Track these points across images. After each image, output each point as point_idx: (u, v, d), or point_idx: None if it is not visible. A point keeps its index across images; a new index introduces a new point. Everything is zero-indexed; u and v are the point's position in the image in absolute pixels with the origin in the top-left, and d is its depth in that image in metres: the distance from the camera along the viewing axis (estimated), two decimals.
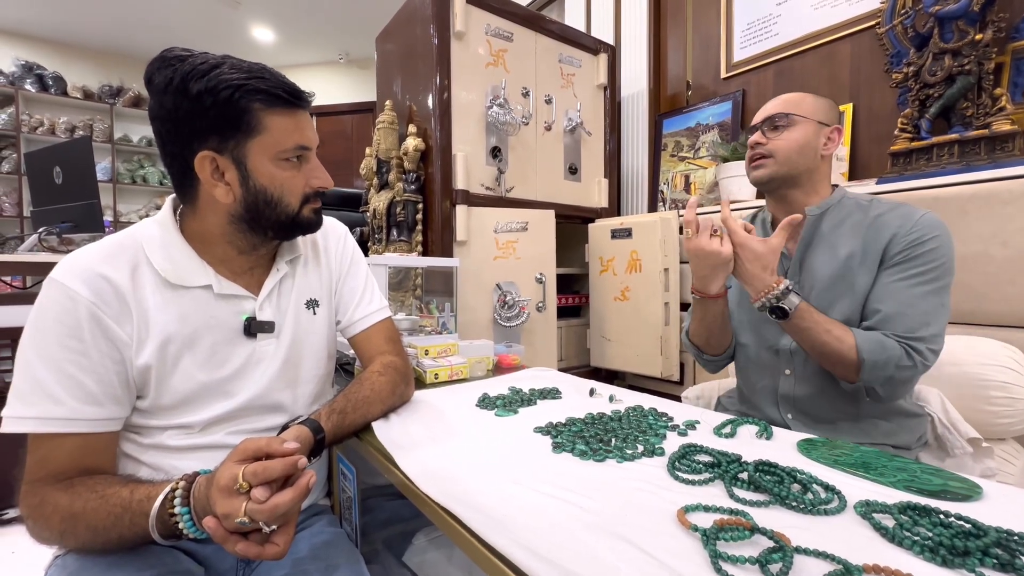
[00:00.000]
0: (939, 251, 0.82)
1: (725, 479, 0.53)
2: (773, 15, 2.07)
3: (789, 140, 0.91)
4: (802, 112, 0.92)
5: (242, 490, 0.49)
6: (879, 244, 0.85)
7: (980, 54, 1.32)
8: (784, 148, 0.92)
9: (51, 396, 0.59)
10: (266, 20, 4.55)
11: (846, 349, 0.79)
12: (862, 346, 0.78)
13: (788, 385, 0.94)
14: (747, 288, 0.87)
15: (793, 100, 0.94)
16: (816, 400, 0.91)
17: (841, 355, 0.80)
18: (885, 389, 0.81)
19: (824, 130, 0.92)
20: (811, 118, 0.91)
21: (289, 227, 0.73)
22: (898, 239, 0.84)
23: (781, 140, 0.92)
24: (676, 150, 2.41)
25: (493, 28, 1.92)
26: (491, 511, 0.48)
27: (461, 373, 1.08)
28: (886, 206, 0.89)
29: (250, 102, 0.64)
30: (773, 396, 0.96)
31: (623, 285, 2.03)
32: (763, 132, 0.94)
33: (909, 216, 0.85)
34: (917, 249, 0.82)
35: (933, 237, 0.82)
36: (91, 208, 1.95)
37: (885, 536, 0.43)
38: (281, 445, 0.53)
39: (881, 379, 0.79)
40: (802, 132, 0.91)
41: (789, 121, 0.92)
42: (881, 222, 0.87)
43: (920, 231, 0.82)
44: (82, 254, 0.64)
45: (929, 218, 0.84)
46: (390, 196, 1.87)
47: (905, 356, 0.78)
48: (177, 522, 0.53)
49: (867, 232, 0.87)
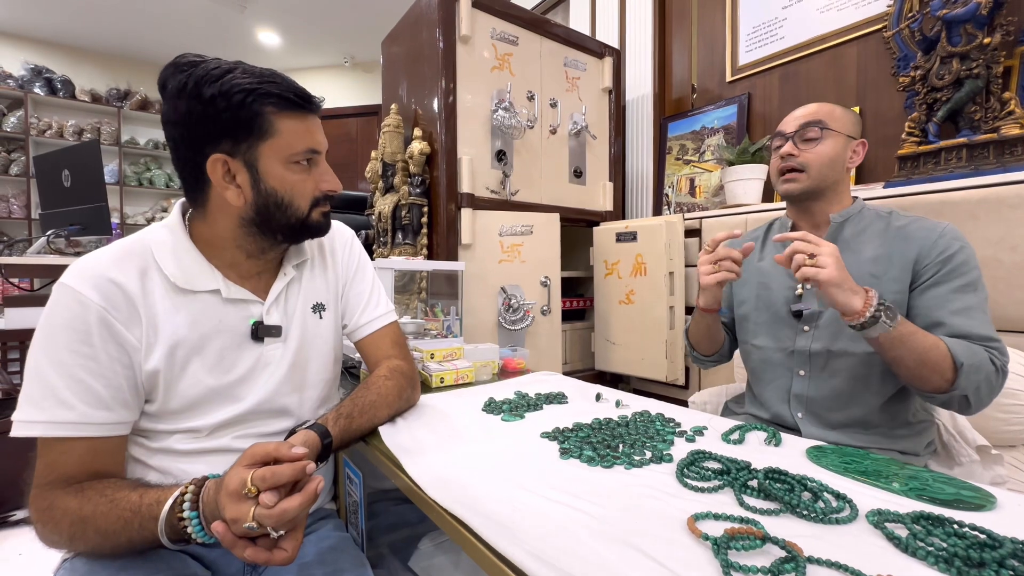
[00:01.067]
0: (971, 261, 0.81)
1: (735, 487, 0.53)
2: (779, 18, 2.06)
3: (822, 155, 0.90)
4: (835, 125, 0.91)
5: (251, 495, 0.49)
6: (907, 255, 0.84)
7: (988, 58, 1.31)
8: (817, 162, 0.90)
9: (61, 401, 0.59)
10: (272, 24, 4.57)
11: (943, 354, 0.74)
12: (956, 350, 0.74)
13: (802, 385, 0.94)
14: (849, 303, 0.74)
15: (825, 111, 0.92)
16: (829, 402, 0.90)
17: (940, 360, 0.74)
18: (976, 396, 0.76)
19: (851, 143, 0.92)
20: (842, 131, 0.91)
21: (298, 230, 0.73)
22: (926, 253, 0.83)
23: (814, 154, 0.91)
24: (681, 153, 2.40)
25: (498, 32, 1.92)
26: (498, 516, 0.48)
27: (467, 377, 1.08)
28: (907, 218, 0.89)
29: (262, 106, 0.65)
30: (785, 394, 0.96)
31: (628, 288, 2.02)
32: (794, 143, 0.93)
33: (932, 229, 0.84)
34: (949, 263, 0.81)
35: (960, 248, 0.81)
36: (99, 211, 1.97)
37: (898, 546, 0.42)
38: (289, 450, 0.53)
39: (975, 384, 0.74)
40: (833, 146, 0.90)
41: (822, 133, 0.90)
42: (906, 232, 0.86)
43: (946, 242, 0.82)
44: (92, 259, 0.65)
45: (951, 229, 0.84)
46: (395, 199, 1.88)
47: (990, 361, 0.75)
48: (186, 527, 0.53)
49: (891, 240, 0.87)
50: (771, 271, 0.99)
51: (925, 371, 0.76)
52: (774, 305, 0.98)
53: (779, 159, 0.95)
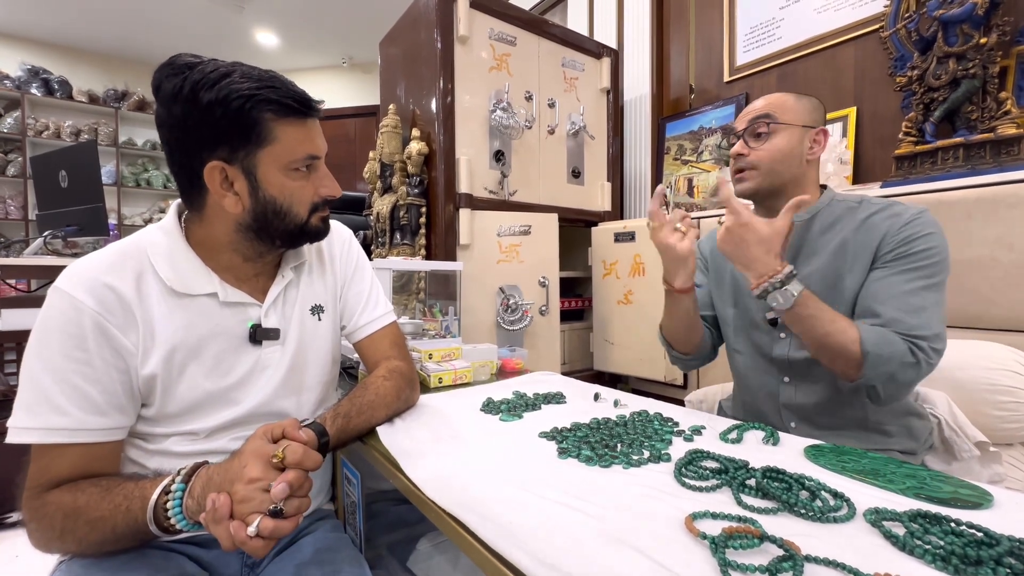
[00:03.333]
0: (934, 250, 0.78)
1: (733, 486, 0.53)
2: (776, 19, 2.07)
3: (772, 150, 0.87)
4: (785, 117, 0.87)
5: (276, 460, 0.52)
6: (869, 245, 0.82)
7: (985, 58, 1.32)
8: (767, 159, 0.87)
9: (56, 407, 0.58)
10: (270, 24, 4.57)
11: (849, 341, 0.74)
12: (866, 338, 0.74)
13: (789, 393, 0.92)
14: (747, 273, 0.80)
15: (775, 103, 0.88)
16: (820, 408, 0.89)
17: (844, 347, 0.75)
18: (887, 388, 0.76)
19: (809, 133, 0.88)
20: (794, 123, 0.87)
21: (297, 236, 0.73)
22: (889, 237, 0.81)
23: (764, 151, 0.87)
24: (679, 153, 2.41)
25: (496, 32, 1.92)
26: (496, 517, 0.48)
27: (465, 377, 1.08)
28: (875, 206, 0.86)
29: (261, 112, 0.63)
30: (775, 404, 0.95)
31: (626, 289, 2.02)
32: (745, 141, 0.89)
33: (900, 214, 0.82)
34: (911, 247, 0.79)
35: (927, 235, 0.79)
36: (96, 212, 1.96)
37: (896, 544, 0.42)
38: (296, 430, 0.57)
39: (884, 376, 0.74)
40: (786, 139, 0.87)
41: (771, 128, 0.87)
42: (871, 223, 0.84)
43: (912, 228, 0.79)
44: (86, 263, 0.64)
45: (922, 216, 0.81)
46: (393, 200, 1.88)
47: (909, 353, 0.73)
48: (167, 502, 0.54)
49: (856, 234, 0.85)
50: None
51: (827, 355, 0.78)
52: (750, 311, 0.96)
53: (733, 160, 0.92)
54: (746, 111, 0.91)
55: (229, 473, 0.53)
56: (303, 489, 0.53)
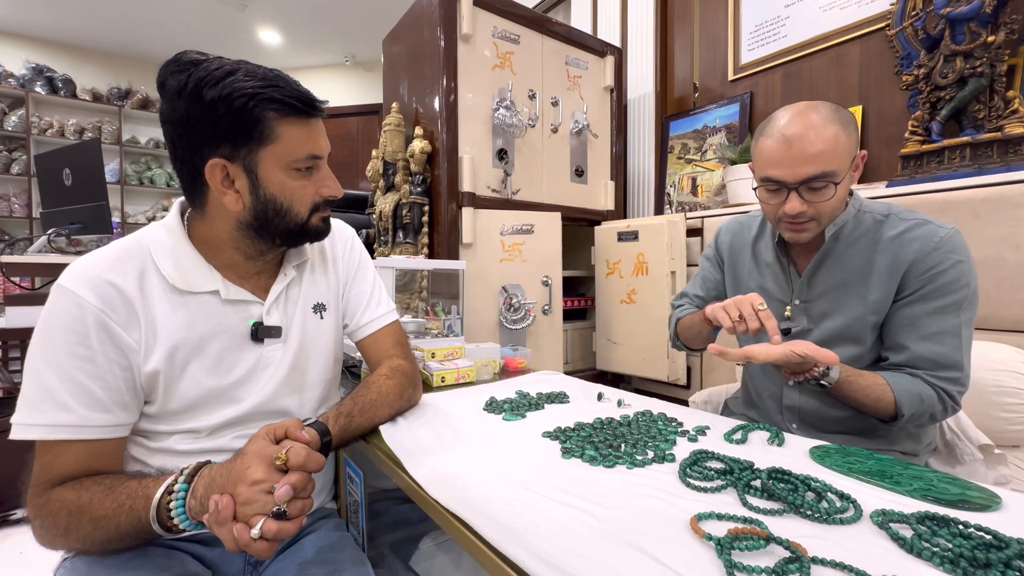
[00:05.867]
0: (962, 279, 0.78)
1: (738, 487, 0.53)
2: (781, 17, 2.06)
3: (835, 203, 0.81)
4: (841, 165, 0.78)
5: (280, 462, 0.52)
6: (897, 269, 0.81)
7: (992, 56, 1.31)
8: (829, 211, 0.82)
9: (60, 403, 0.58)
10: (273, 23, 4.57)
11: (884, 407, 0.79)
12: (902, 402, 0.77)
13: (793, 396, 0.93)
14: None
15: (829, 152, 0.77)
16: (821, 412, 0.90)
17: (879, 413, 0.80)
18: (917, 428, 0.86)
19: (855, 161, 0.83)
20: (849, 168, 0.80)
21: (297, 235, 0.72)
22: (917, 264, 0.80)
23: (825, 204, 0.81)
24: (683, 152, 2.40)
25: (500, 30, 1.92)
26: (500, 516, 0.48)
27: (468, 376, 1.07)
28: (904, 223, 0.83)
29: (264, 111, 0.63)
30: (778, 404, 0.95)
31: (629, 288, 2.02)
32: (800, 196, 0.81)
33: (929, 238, 0.80)
34: (939, 279, 0.78)
35: (955, 263, 0.78)
36: (100, 210, 1.97)
37: (903, 547, 0.42)
38: (299, 431, 0.56)
39: (918, 422, 0.81)
40: (844, 187, 0.80)
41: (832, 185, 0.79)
42: (901, 240, 0.82)
43: (941, 255, 0.78)
44: (89, 260, 0.64)
45: (952, 240, 0.79)
46: (396, 198, 1.87)
47: (939, 402, 0.78)
48: (170, 502, 0.54)
49: (883, 255, 0.83)
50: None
51: (868, 413, 0.82)
52: None
53: (776, 205, 0.84)
54: (795, 158, 0.78)
55: (232, 474, 0.52)
56: (306, 491, 0.53)
